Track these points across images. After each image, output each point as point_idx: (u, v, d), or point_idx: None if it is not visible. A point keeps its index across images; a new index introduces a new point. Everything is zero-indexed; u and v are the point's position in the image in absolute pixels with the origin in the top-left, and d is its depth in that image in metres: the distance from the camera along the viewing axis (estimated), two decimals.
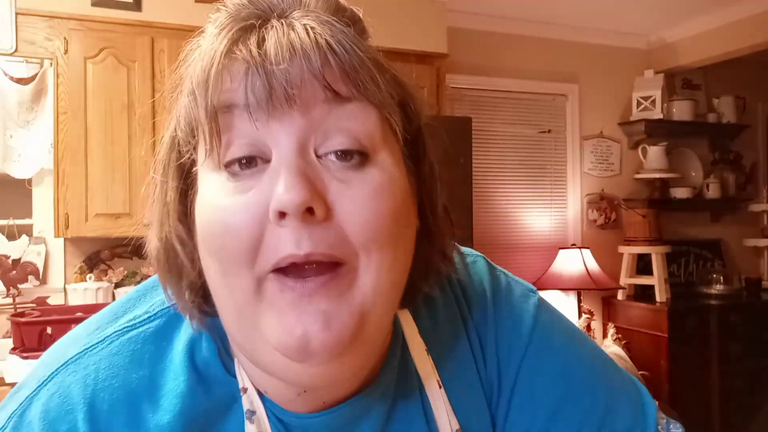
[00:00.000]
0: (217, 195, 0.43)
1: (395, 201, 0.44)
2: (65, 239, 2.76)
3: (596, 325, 3.78)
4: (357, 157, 0.43)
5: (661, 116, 3.81)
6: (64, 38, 2.58)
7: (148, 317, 0.52)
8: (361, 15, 0.48)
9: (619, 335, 3.51)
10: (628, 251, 3.73)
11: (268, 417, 0.49)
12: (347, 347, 0.42)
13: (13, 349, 2.29)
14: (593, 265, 3.54)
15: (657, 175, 3.84)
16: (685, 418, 3.07)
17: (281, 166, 0.41)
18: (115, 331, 0.50)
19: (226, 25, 0.44)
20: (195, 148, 0.46)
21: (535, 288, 0.62)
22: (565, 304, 3.64)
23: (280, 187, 0.40)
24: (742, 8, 3.49)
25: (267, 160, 0.42)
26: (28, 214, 2.87)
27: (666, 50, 4.01)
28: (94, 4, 2.63)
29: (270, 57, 0.41)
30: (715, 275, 3.91)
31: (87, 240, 2.77)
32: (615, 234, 3.93)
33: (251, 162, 0.42)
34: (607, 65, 3.97)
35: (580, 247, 3.62)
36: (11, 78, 2.67)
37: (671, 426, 0.59)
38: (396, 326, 0.54)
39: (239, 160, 0.42)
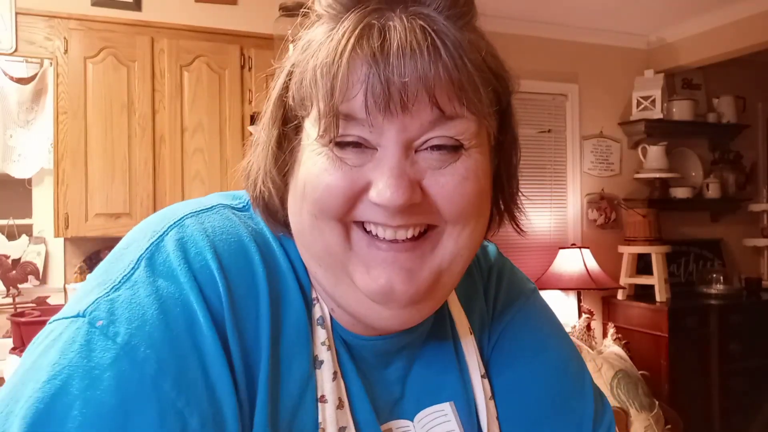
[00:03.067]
0: (324, 163, 0.48)
1: (479, 185, 0.50)
2: (65, 239, 2.76)
3: (596, 324, 3.78)
4: (452, 149, 0.49)
5: (661, 116, 3.81)
6: (64, 38, 2.58)
7: (248, 203, 0.58)
8: None
9: (619, 335, 3.51)
10: (628, 251, 3.73)
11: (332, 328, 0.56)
12: (423, 297, 0.50)
13: (13, 349, 2.29)
14: (593, 265, 3.54)
15: (657, 175, 3.84)
16: (685, 418, 3.06)
17: (386, 165, 0.47)
18: (222, 204, 0.56)
19: (348, 11, 0.47)
20: (304, 116, 0.51)
21: (533, 282, 0.71)
22: (565, 303, 3.64)
23: (382, 184, 0.46)
24: (742, 8, 3.49)
25: (371, 147, 0.48)
26: (28, 214, 2.87)
27: (666, 50, 4.01)
28: (94, 4, 2.63)
29: (391, 65, 0.45)
30: (715, 275, 3.91)
31: (87, 240, 2.77)
32: (615, 234, 3.93)
33: (356, 144, 0.48)
34: (607, 65, 3.97)
35: (580, 247, 3.62)
36: (11, 78, 2.67)
37: None
38: None
39: (347, 142, 0.48)
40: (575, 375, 0.63)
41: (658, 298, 3.57)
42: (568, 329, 3.31)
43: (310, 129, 0.50)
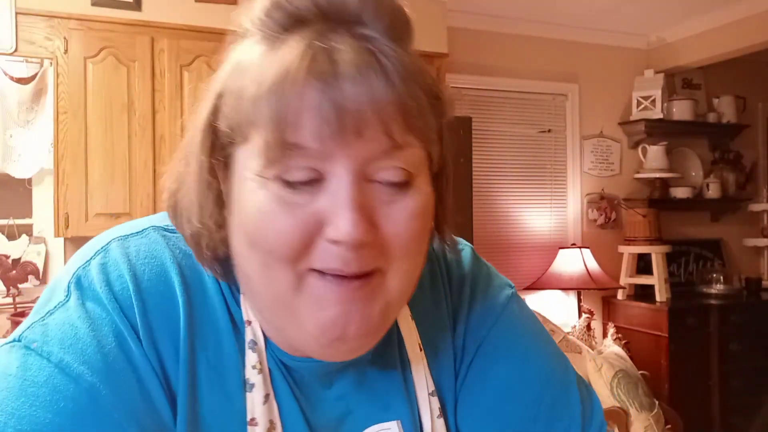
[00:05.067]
0: (270, 202, 0.45)
1: (426, 220, 0.50)
2: (65, 239, 2.75)
3: (596, 324, 3.77)
4: (402, 183, 0.47)
5: (661, 116, 3.81)
6: (64, 38, 2.58)
7: (173, 227, 0.56)
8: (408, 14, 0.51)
9: (619, 335, 3.51)
10: (628, 251, 3.73)
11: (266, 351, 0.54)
12: (373, 336, 0.50)
13: None
14: (593, 265, 3.54)
15: (657, 175, 3.84)
16: (685, 418, 3.05)
17: (342, 196, 0.44)
18: (153, 227, 0.55)
19: (286, 32, 0.45)
20: (237, 142, 0.47)
21: (513, 285, 0.67)
22: (565, 303, 3.64)
23: (342, 219, 0.44)
24: (742, 8, 3.49)
25: (322, 178, 0.45)
26: (28, 213, 2.87)
27: (666, 50, 4.01)
28: (94, 4, 2.63)
29: (343, 90, 0.43)
30: (715, 275, 3.91)
31: (87, 240, 2.76)
32: (615, 234, 3.93)
33: (304, 177, 0.45)
34: (607, 65, 3.97)
35: (580, 247, 3.62)
36: (11, 78, 2.66)
37: None
38: None
39: (295, 175, 0.45)
40: (559, 381, 0.61)
41: (658, 298, 3.57)
42: (567, 329, 3.31)
43: (247, 160, 0.46)
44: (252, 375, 0.52)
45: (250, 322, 0.53)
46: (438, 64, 3.18)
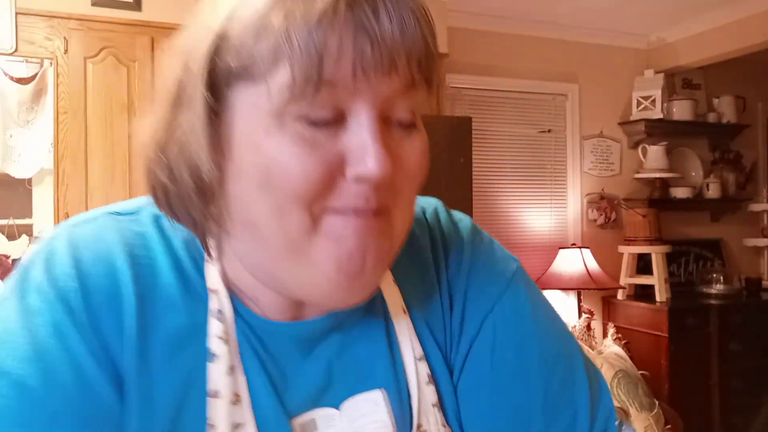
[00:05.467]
0: (291, 143, 0.44)
1: (427, 161, 0.50)
2: None
3: (596, 324, 3.78)
4: (410, 123, 0.48)
5: (661, 116, 3.81)
6: (64, 38, 2.58)
7: (139, 208, 0.56)
8: None
9: (619, 335, 3.51)
10: (628, 251, 3.73)
11: (235, 318, 0.52)
12: (383, 272, 0.50)
13: None
14: (593, 265, 3.54)
15: (657, 175, 3.84)
16: (685, 418, 3.06)
17: (367, 134, 0.44)
18: (106, 212, 0.55)
19: None
20: (242, 81, 0.45)
21: (518, 259, 0.64)
22: (565, 303, 3.64)
23: (369, 158, 0.44)
24: (742, 8, 3.49)
25: (342, 117, 0.45)
26: (28, 214, 2.87)
27: (666, 50, 4.01)
28: (94, 4, 2.63)
29: (383, 27, 0.43)
30: (715, 275, 3.90)
31: None
32: (615, 234, 3.93)
33: (327, 114, 0.44)
34: (607, 65, 3.97)
35: (580, 247, 3.61)
36: (11, 78, 2.66)
37: (624, 428, 0.61)
38: None
39: (320, 112, 0.44)
40: (567, 362, 0.58)
41: (658, 298, 3.57)
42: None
43: (258, 98, 0.44)
44: (216, 345, 0.50)
45: (216, 291, 0.52)
46: None
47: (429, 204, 0.65)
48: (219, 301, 0.52)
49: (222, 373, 0.50)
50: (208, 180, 0.47)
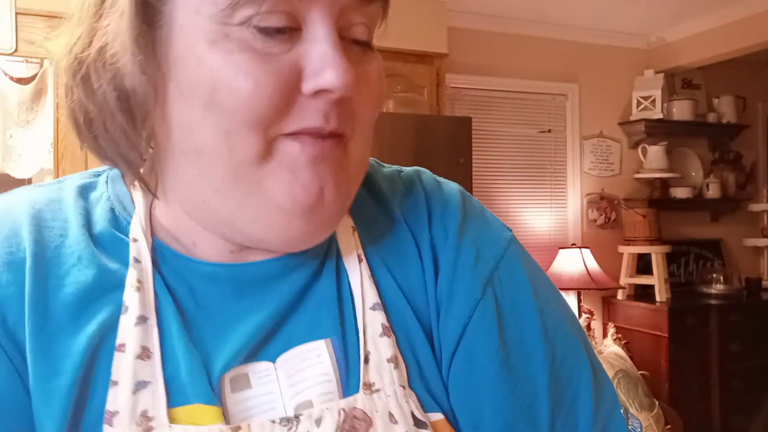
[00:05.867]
0: (239, 54, 0.40)
1: (384, 85, 0.47)
2: None
3: (596, 324, 3.78)
4: (366, 45, 0.45)
5: (661, 116, 3.81)
6: None
7: (65, 178, 0.53)
8: None
9: (619, 335, 3.51)
10: (628, 251, 3.73)
11: (160, 265, 0.48)
12: (343, 207, 0.46)
13: None
14: (593, 265, 3.54)
15: (657, 175, 3.84)
16: (685, 418, 3.05)
17: (324, 41, 0.41)
18: (25, 186, 0.52)
19: None
20: None
21: (511, 229, 0.58)
22: None
23: (330, 67, 0.40)
24: (742, 8, 3.49)
25: (296, 26, 0.41)
26: None
27: (666, 50, 4.01)
28: None
29: None
30: (715, 275, 3.90)
31: None
32: (615, 234, 3.93)
33: (279, 22, 0.40)
34: (607, 65, 3.97)
35: (580, 247, 3.61)
36: (11, 78, 2.66)
37: (629, 415, 0.57)
38: None
39: (273, 19, 0.40)
40: (572, 342, 0.53)
41: (658, 298, 3.57)
42: None
43: (200, 3, 0.40)
44: (129, 296, 0.46)
45: (136, 240, 0.48)
46: (438, 64, 3.18)
47: (410, 167, 0.60)
48: (137, 248, 0.47)
49: (130, 325, 0.45)
50: (140, 97, 0.42)
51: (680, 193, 3.94)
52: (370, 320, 0.49)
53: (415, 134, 2.78)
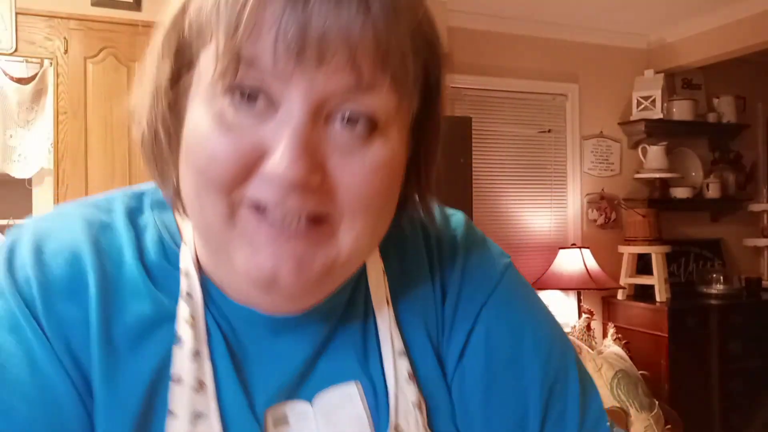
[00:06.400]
0: (211, 121, 0.42)
1: (391, 177, 0.45)
2: None
3: (596, 324, 3.77)
4: (365, 126, 0.42)
5: (661, 116, 3.81)
6: (64, 38, 2.58)
7: (113, 199, 0.54)
8: None
9: (619, 335, 3.51)
10: (628, 251, 3.73)
11: (206, 301, 0.50)
12: (313, 289, 0.45)
13: None
14: (593, 265, 3.54)
15: (657, 175, 3.84)
16: (685, 418, 3.05)
17: (288, 127, 0.40)
18: (79, 203, 0.53)
19: None
20: (200, 50, 0.44)
21: (509, 255, 0.62)
22: (565, 304, 3.65)
23: (279, 156, 0.40)
24: (742, 8, 3.49)
25: (273, 104, 0.41)
26: (28, 214, 2.87)
27: (666, 50, 4.01)
28: (94, 4, 2.63)
29: (311, 9, 0.38)
30: (715, 275, 3.90)
31: None
32: (615, 234, 3.93)
33: (255, 97, 0.41)
34: (607, 65, 3.97)
35: (580, 247, 3.61)
36: (11, 78, 2.66)
37: (615, 430, 0.60)
38: None
39: (245, 92, 0.41)
40: (559, 357, 0.56)
41: (658, 298, 3.57)
42: (567, 329, 3.31)
43: (205, 68, 0.42)
44: (183, 329, 0.48)
45: (187, 273, 0.50)
46: None
47: None
48: (189, 283, 0.49)
49: (186, 358, 0.47)
50: (165, 136, 0.46)
51: (680, 193, 3.94)
52: (397, 367, 0.52)
53: None
